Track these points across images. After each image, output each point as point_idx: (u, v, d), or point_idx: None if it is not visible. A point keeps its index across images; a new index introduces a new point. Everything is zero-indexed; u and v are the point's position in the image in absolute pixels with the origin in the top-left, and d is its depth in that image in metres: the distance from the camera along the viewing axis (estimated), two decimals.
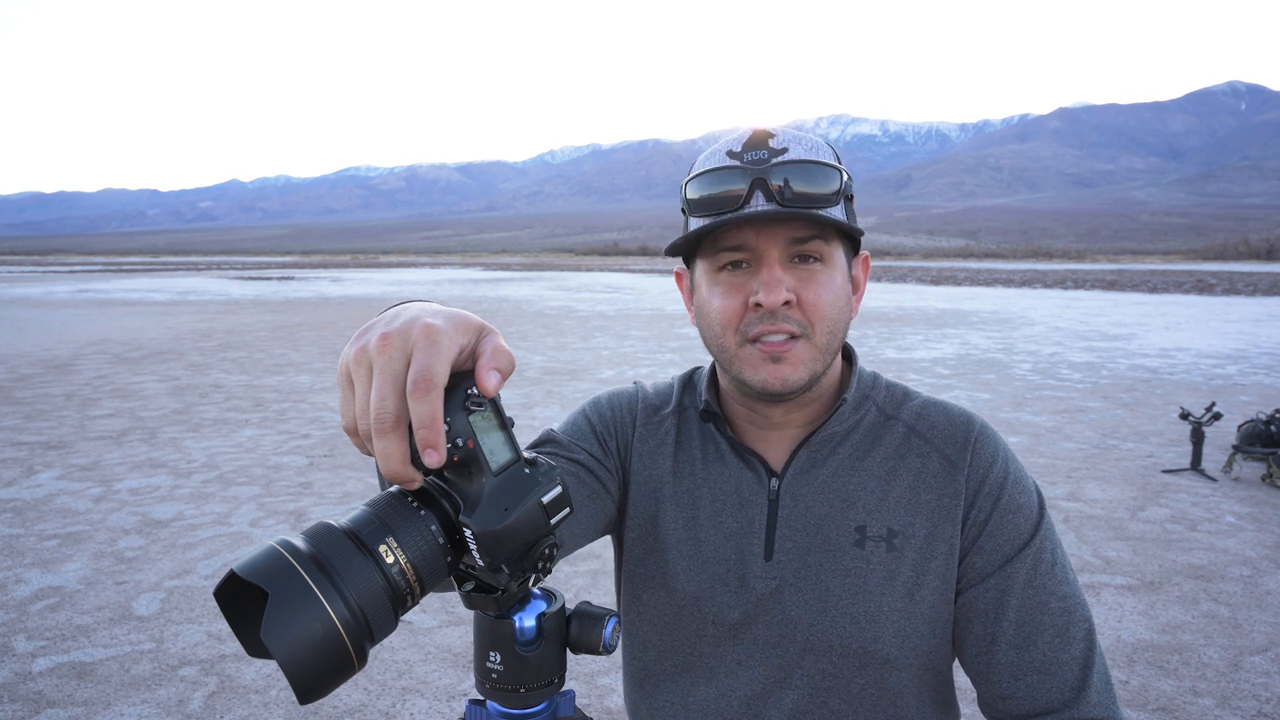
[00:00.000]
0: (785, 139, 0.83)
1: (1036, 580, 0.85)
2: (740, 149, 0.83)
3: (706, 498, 0.94)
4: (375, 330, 0.50)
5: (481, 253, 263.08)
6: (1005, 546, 0.86)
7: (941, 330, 16.38)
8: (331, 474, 5.91)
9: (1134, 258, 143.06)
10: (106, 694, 2.94)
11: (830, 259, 0.85)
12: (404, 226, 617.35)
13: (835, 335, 0.86)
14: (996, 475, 0.89)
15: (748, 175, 0.81)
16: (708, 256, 0.87)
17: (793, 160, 0.81)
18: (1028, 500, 0.89)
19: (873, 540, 0.88)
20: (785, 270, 0.83)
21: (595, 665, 3.17)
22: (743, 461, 0.94)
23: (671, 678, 0.96)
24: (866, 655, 0.87)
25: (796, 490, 0.91)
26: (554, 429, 0.99)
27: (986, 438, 0.91)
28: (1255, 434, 5.89)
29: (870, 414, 0.94)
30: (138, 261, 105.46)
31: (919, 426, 0.93)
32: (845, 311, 0.87)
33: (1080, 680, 0.82)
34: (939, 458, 0.90)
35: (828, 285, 0.84)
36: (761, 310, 0.83)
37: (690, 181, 0.86)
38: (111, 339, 14.87)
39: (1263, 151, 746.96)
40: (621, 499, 0.98)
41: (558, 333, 15.93)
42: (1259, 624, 3.52)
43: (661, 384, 1.05)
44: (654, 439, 0.99)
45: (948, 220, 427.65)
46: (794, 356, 0.84)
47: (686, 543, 0.94)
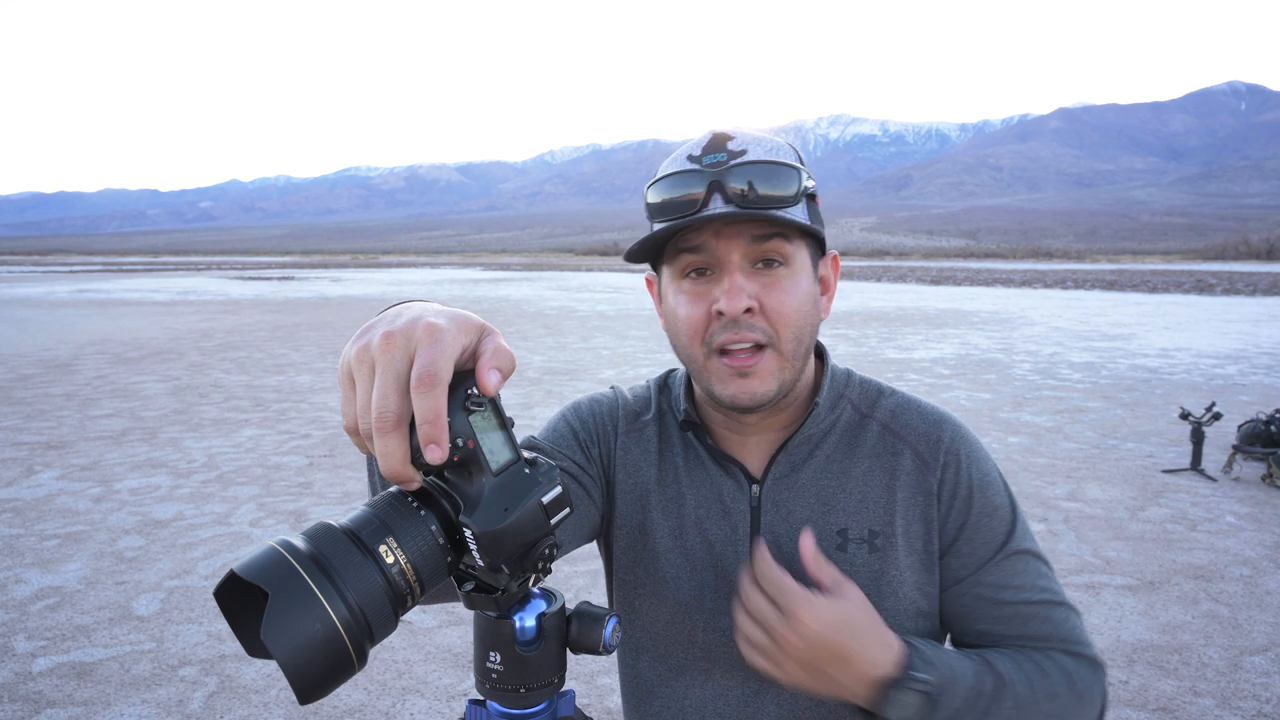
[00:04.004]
0: (744, 141, 0.84)
1: (1015, 579, 0.88)
2: (700, 153, 0.84)
3: (691, 505, 0.95)
4: (377, 329, 0.50)
5: (481, 253, 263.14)
6: (982, 549, 0.89)
7: (941, 330, 16.38)
8: (331, 474, 5.90)
9: (1134, 258, 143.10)
10: (106, 694, 2.94)
11: (793, 260, 0.84)
12: (404, 226, 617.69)
13: (802, 341, 0.86)
14: (970, 477, 0.90)
15: (705, 178, 0.81)
16: (671, 262, 0.87)
17: (750, 161, 0.81)
18: (1001, 501, 0.91)
19: (855, 543, 0.89)
20: (748, 277, 0.83)
21: (595, 665, 3.17)
22: (722, 469, 0.94)
23: (666, 683, 0.97)
24: None
25: (777, 496, 0.92)
26: (535, 435, 0.99)
27: (959, 438, 0.93)
28: (1255, 434, 5.89)
29: (846, 413, 0.95)
30: (138, 261, 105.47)
31: (893, 425, 0.94)
32: (812, 315, 0.87)
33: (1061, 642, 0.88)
34: (912, 455, 0.91)
35: (792, 290, 0.84)
36: (725, 319, 0.82)
37: (651, 187, 0.86)
38: (111, 339, 14.86)
39: (1263, 151, 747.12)
40: (606, 506, 0.99)
41: (558, 333, 15.93)
42: (1259, 624, 3.52)
43: (638, 388, 1.05)
44: (638, 447, 0.99)
45: (948, 220, 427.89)
46: (761, 369, 0.84)
47: (674, 550, 0.95)
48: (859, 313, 20.72)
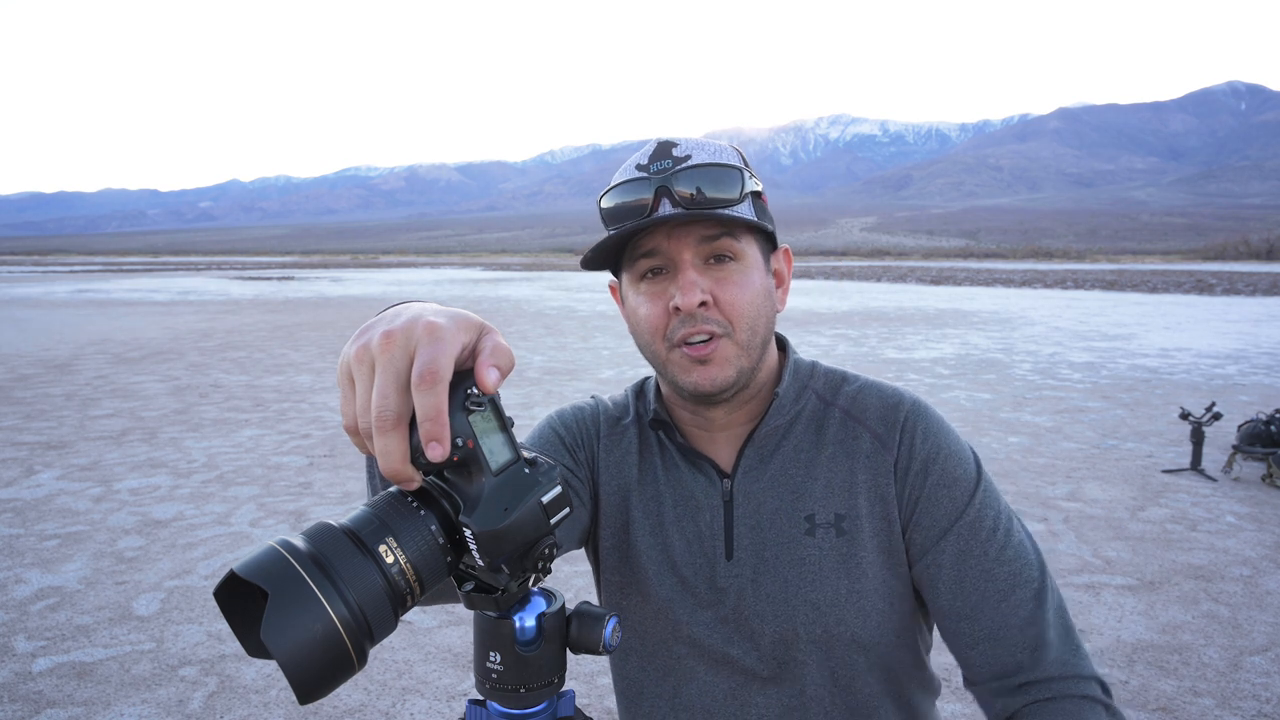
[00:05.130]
0: (688, 147, 0.88)
1: (976, 549, 0.87)
2: (647, 161, 0.88)
3: (669, 504, 0.98)
4: (377, 328, 0.50)
5: (481, 253, 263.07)
6: (941, 520, 0.89)
7: (941, 330, 16.39)
8: (331, 474, 5.91)
9: (1134, 258, 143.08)
10: (106, 694, 2.94)
11: (744, 256, 0.88)
12: (404, 226, 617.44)
13: (757, 331, 0.89)
14: (925, 450, 0.91)
15: (652, 184, 0.85)
16: (629, 267, 0.91)
17: (694, 165, 0.85)
18: (963, 472, 0.90)
19: (822, 527, 0.91)
20: (700, 273, 0.86)
21: (595, 665, 3.17)
22: (694, 466, 0.97)
23: (655, 683, 0.99)
24: (832, 639, 0.90)
25: (748, 489, 0.94)
26: (521, 442, 1.01)
27: (917, 414, 0.93)
28: (1255, 434, 5.89)
29: (810, 403, 0.97)
30: (138, 261, 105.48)
31: (853, 410, 0.96)
32: (766, 307, 0.90)
33: (1033, 641, 0.84)
34: (870, 437, 0.93)
35: (743, 283, 0.87)
36: (682, 314, 0.86)
37: (603, 196, 0.90)
38: (111, 339, 14.87)
39: (1263, 151, 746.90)
40: (593, 509, 1.02)
41: (558, 333, 15.93)
42: (1259, 624, 3.52)
43: (618, 396, 1.09)
44: (619, 449, 1.02)
45: (948, 220, 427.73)
46: (718, 356, 0.87)
47: (655, 549, 0.97)
48: (859, 313, 20.72)
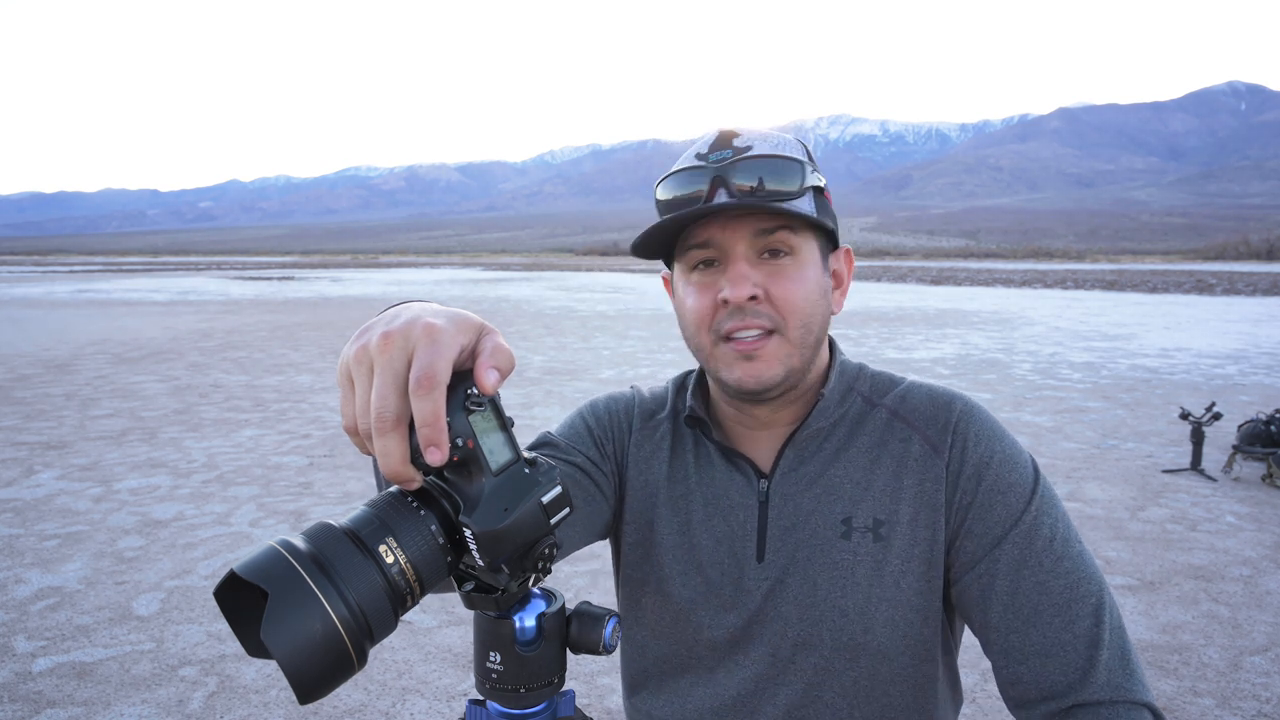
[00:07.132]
0: (750, 138, 0.85)
1: (1032, 559, 0.82)
2: (707, 150, 0.85)
3: (699, 503, 0.95)
4: (376, 329, 0.50)
5: (481, 253, 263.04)
6: (995, 528, 0.84)
7: (942, 330, 16.38)
8: (331, 474, 5.90)
9: (1134, 258, 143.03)
10: (106, 694, 2.94)
11: (800, 252, 0.85)
12: (404, 226, 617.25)
13: (811, 330, 0.86)
14: (980, 455, 0.87)
15: (709, 174, 0.83)
16: (681, 257, 0.89)
17: (754, 156, 0.83)
18: (1019, 478, 0.86)
19: (859, 531, 0.88)
20: (753, 266, 0.84)
21: (595, 665, 3.17)
22: (732, 465, 0.94)
23: (668, 680, 0.97)
24: (857, 648, 0.87)
25: (785, 490, 0.91)
26: (551, 431, 1.00)
27: (969, 416, 0.89)
28: (1255, 434, 5.89)
29: (855, 405, 0.94)
30: (138, 261, 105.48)
31: (901, 410, 0.92)
32: (821, 305, 0.87)
33: (1087, 660, 0.78)
34: (920, 440, 0.89)
35: (798, 279, 0.84)
36: (730, 306, 0.83)
37: (660, 184, 0.88)
38: (111, 339, 14.86)
39: (1263, 151, 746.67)
40: (617, 503, 0.99)
41: (558, 333, 15.93)
42: (1259, 624, 3.52)
43: (657, 388, 1.06)
44: (650, 444, 0.99)
45: (948, 220, 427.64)
46: (767, 353, 0.84)
47: (681, 548, 0.94)
48: (859, 312, 20.72)
